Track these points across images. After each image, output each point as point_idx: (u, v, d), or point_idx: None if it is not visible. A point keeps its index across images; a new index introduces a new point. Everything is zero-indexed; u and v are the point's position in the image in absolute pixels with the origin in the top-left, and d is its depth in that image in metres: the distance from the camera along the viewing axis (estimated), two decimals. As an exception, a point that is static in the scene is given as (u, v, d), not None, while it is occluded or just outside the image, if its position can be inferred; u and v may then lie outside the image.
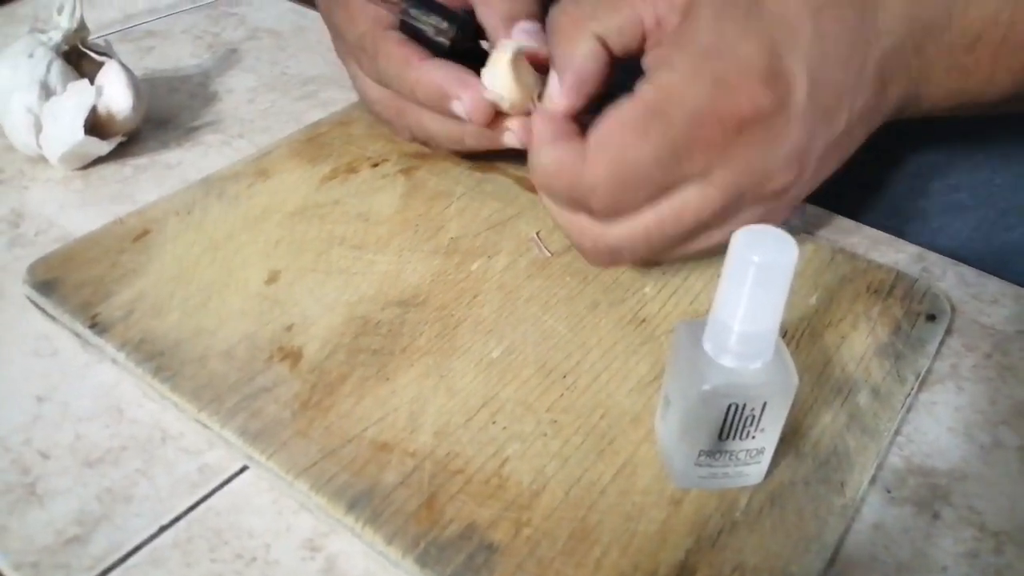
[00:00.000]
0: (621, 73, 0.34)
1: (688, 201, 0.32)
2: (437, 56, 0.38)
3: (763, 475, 0.29)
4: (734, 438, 0.27)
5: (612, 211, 0.32)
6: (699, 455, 0.27)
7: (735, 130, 0.30)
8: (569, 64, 0.33)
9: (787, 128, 0.31)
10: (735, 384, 0.26)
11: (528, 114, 0.36)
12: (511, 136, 0.38)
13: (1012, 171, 0.45)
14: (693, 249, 0.34)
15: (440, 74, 0.37)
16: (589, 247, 0.34)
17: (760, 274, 0.24)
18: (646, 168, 0.30)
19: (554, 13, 0.34)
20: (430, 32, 0.37)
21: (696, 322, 0.27)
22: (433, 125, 0.39)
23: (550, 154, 0.32)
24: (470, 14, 0.38)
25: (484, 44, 0.39)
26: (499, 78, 0.36)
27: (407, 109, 0.40)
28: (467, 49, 0.38)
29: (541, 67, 0.36)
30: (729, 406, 0.26)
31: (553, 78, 0.34)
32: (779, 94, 0.30)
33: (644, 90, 0.31)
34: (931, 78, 0.34)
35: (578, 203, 0.32)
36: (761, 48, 0.30)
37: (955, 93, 0.35)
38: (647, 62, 0.33)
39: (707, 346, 0.26)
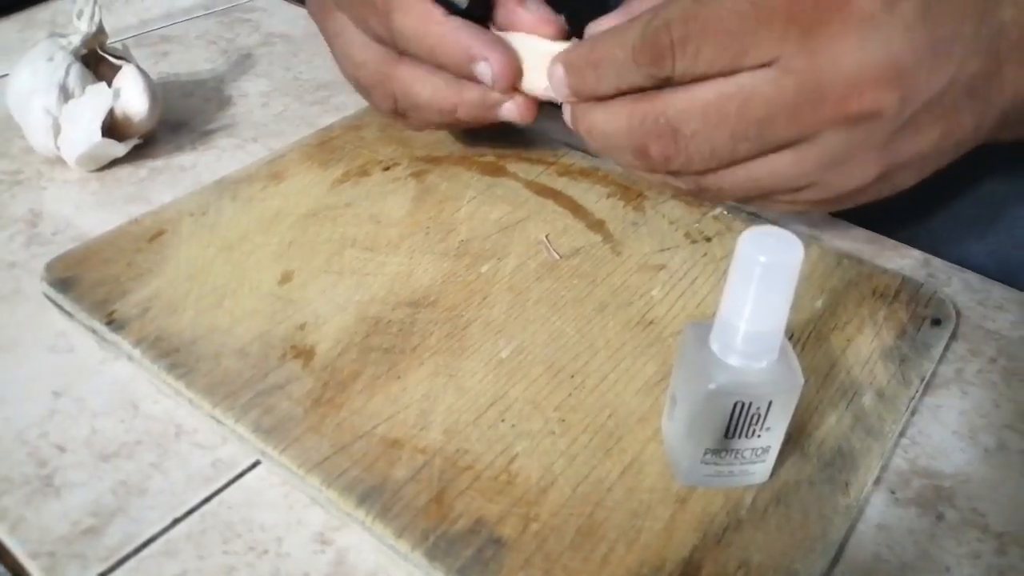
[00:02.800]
0: None
1: (758, 86, 0.29)
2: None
3: (768, 474, 0.29)
4: (740, 436, 0.27)
5: (681, 49, 0.29)
6: (705, 453, 0.28)
7: (829, 9, 0.27)
8: None
9: (889, 31, 0.28)
10: (741, 383, 0.26)
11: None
12: (510, 109, 0.37)
13: (1019, 188, 0.45)
14: (760, 177, 0.31)
15: (467, 33, 0.35)
16: (650, 127, 0.31)
17: (766, 274, 0.24)
18: (725, 12, 0.28)
19: None
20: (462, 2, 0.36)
21: (704, 323, 0.27)
22: (424, 93, 0.38)
23: (612, 26, 0.32)
24: None
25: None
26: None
27: (396, 74, 0.39)
28: (480, 16, 0.37)
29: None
30: (735, 404, 0.26)
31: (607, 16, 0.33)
32: None
33: None
34: None
35: (645, 48, 0.30)
36: None
37: None
38: None
39: (714, 346, 0.27)
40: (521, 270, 0.38)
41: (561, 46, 0.36)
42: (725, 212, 0.41)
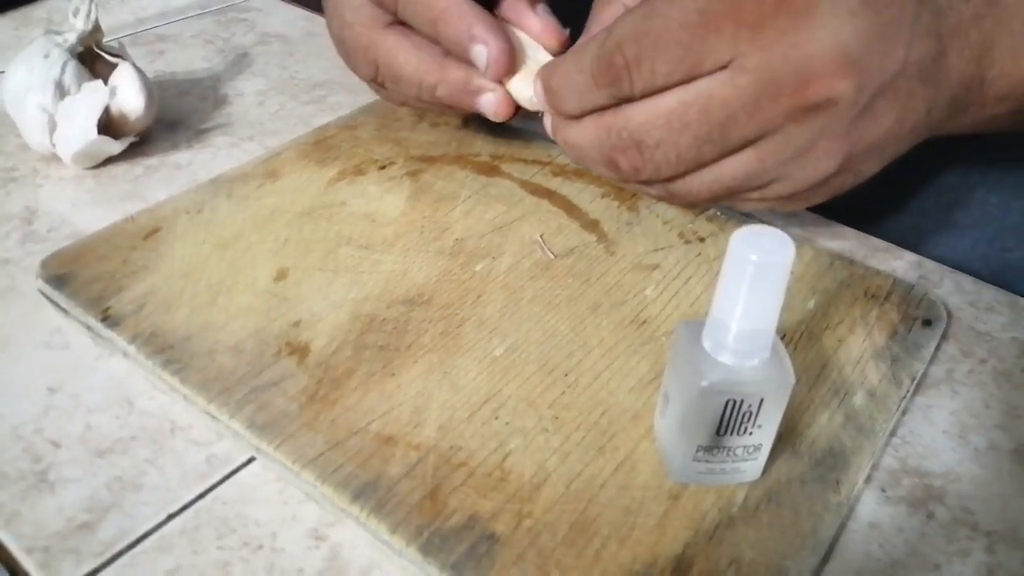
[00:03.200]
0: None
1: (715, 89, 0.29)
2: None
3: (760, 472, 0.29)
4: (732, 434, 0.27)
5: (635, 67, 0.30)
6: (697, 451, 0.28)
7: (773, 5, 0.28)
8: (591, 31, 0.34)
9: (835, 19, 0.28)
10: (733, 381, 0.26)
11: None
12: (488, 101, 0.37)
13: (1008, 192, 0.46)
14: (725, 177, 0.32)
15: (473, 12, 0.35)
16: (615, 141, 0.32)
17: (757, 273, 0.25)
18: (674, 25, 0.29)
19: None
20: None
21: (697, 322, 0.28)
22: (408, 66, 0.38)
23: (575, 49, 0.33)
24: None
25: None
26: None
27: (382, 42, 0.39)
28: (485, 3, 0.37)
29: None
30: (727, 402, 0.26)
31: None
32: None
33: None
34: (994, 58, 0.32)
35: (601, 69, 0.31)
36: None
37: (1021, 83, 0.33)
38: None
39: (706, 344, 0.27)
40: (515, 269, 0.38)
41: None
42: (718, 213, 0.42)
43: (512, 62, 0.36)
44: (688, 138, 0.31)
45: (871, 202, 0.48)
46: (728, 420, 0.27)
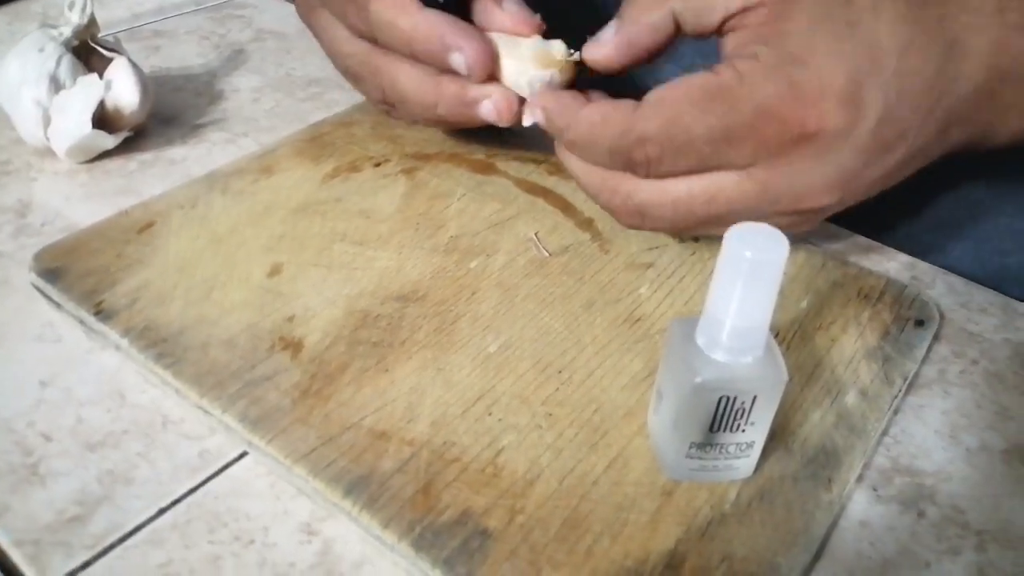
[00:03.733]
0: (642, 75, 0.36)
1: (724, 187, 0.32)
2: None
3: (752, 469, 0.29)
4: (724, 431, 0.27)
5: (655, 166, 0.33)
6: (690, 447, 0.28)
7: (793, 139, 0.31)
8: (632, 24, 0.34)
9: (843, 154, 0.31)
10: (726, 378, 0.26)
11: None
12: (488, 108, 0.37)
13: (998, 194, 0.46)
14: (712, 232, 0.35)
15: (440, 21, 0.35)
16: (619, 203, 0.35)
17: (752, 270, 0.25)
18: (697, 138, 0.31)
19: None
20: None
21: (690, 319, 0.28)
22: (409, 85, 0.38)
23: (598, 108, 0.33)
24: None
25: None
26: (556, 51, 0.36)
27: (383, 66, 0.39)
28: (457, 12, 0.37)
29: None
30: (720, 399, 0.27)
31: (608, 27, 0.34)
32: (849, 119, 0.31)
33: (720, 68, 0.31)
34: (1004, 122, 0.34)
35: (620, 155, 0.33)
36: (846, 70, 0.30)
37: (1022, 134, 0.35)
38: (726, 44, 0.33)
39: (700, 341, 0.27)
40: (510, 266, 0.38)
41: (537, 42, 0.36)
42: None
43: (492, 58, 0.36)
44: (690, 220, 0.34)
45: (865, 208, 0.48)
46: (721, 417, 0.27)
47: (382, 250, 0.38)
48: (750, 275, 0.25)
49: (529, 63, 0.36)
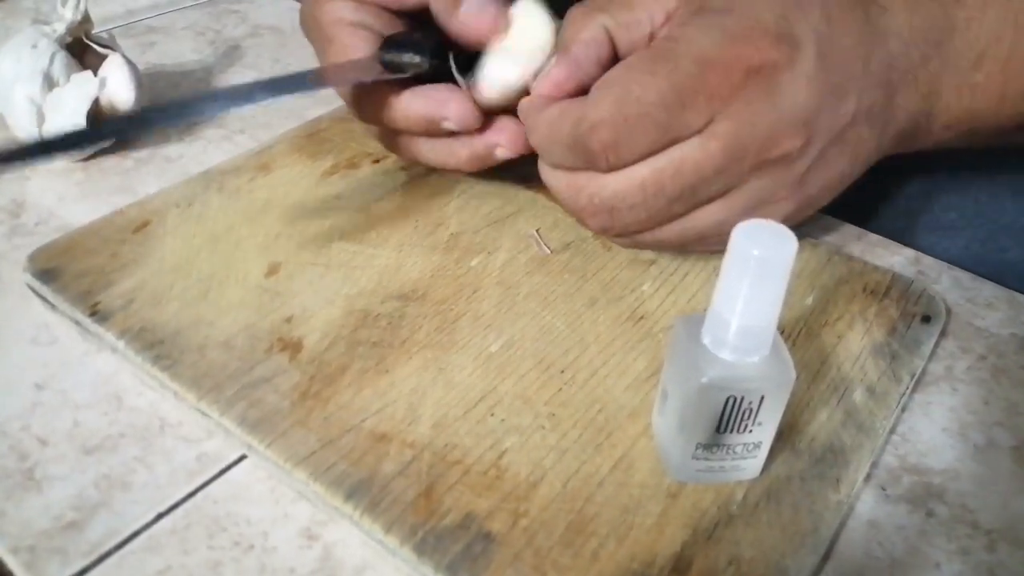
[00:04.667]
0: None
1: (688, 154, 0.32)
2: (413, 81, 0.37)
3: (759, 470, 0.29)
4: (731, 431, 0.27)
5: (612, 151, 0.32)
6: (696, 448, 0.27)
7: (741, 79, 0.31)
8: (570, 46, 0.34)
9: (793, 86, 0.31)
10: (733, 377, 0.26)
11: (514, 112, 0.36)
12: (503, 153, 0.37)
13: (998, 191, 0.45)
14: (693, 227, 0.34)
15: (420, 103, 0.36)
16: (585, 204, 0.34)
17: (759, 268, 0.24)
18: (650, 107, 0.31)
19: (574, 6, 0.35)
20: (409, 71, 0.36)
21: (695, 316, 0.27)
22: (431, 156, 0.39)
23: (556, 106, 0.33)
24: (432, 30, 0.37)
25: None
26: (535, 25, 0.36)
27: (403, 146, 0.40)
28: (443, 70, 0.37)
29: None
30: (727, 399, 0.26)
31: (552, 60, 0.34)
32: (787, 52, 0.31)
33: (655, 41, 0.32)
34: (940, 94, 0.34)
35: (578, 147, 0.32)
36: (773, 12, 0.31)
37: (967, 115, 0.35)
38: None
39: (706, 340, 0.26)
40: (511, 264, 0.37)
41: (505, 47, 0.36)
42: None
43: (476, 111, 0.36)
44: (661, 201, 0.33)
45: (865, 203, 0.47)
46: (728, 417, 0.27)
47: (381, 248, 0.38)
48: (757, 273, 0.24)
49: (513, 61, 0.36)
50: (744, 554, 0.27)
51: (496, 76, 0.36)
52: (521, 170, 0.43)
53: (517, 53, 0.35)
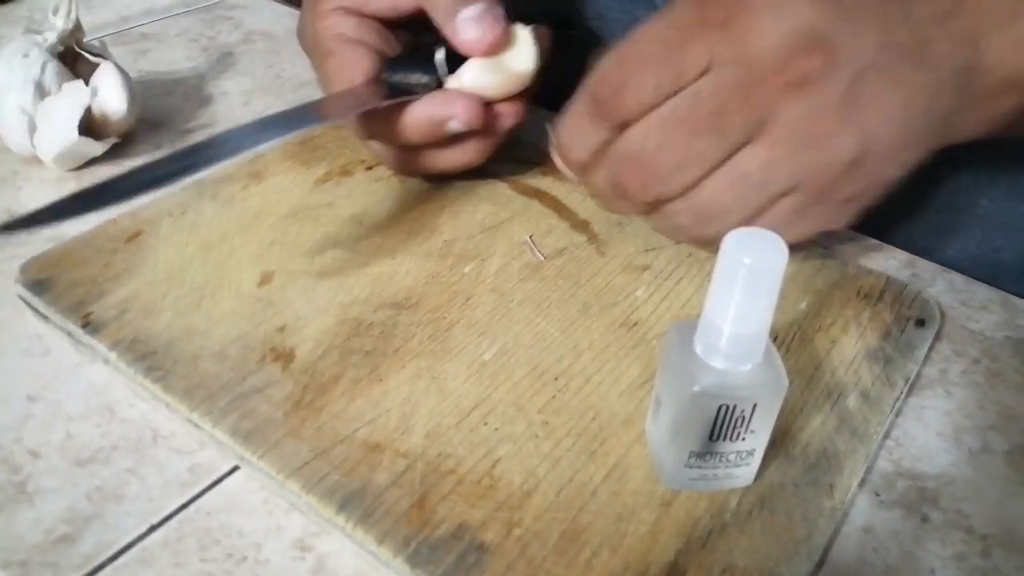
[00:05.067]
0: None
1: (702, 86, 0.31)
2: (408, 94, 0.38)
3: (753, 477, 0.29)
4: (724, 439, 0.27)
5: (621, 95, 0.32)
6: (689, 456, 0.27)
7: (734, 6, 0.31)
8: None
9: (793, 6, 0.30)
10: (725, 385, 0.26)
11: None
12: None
13: (999, 193, 0.45)
14: (744, 175, 0.32)
15: (423, 109, 0.37)
16: (618, 165, 0.34)
17: (751, 276, 0.24)
18: (648, 46, 0.32)
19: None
20: (416, 90, 0.37)
21: (689, 323, 0.27)
22: (452, 163, 0.40)
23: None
24: (432, 42, 0.38)
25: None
26: (525, 56, 0.38)
27: (415, 162, 0.41)
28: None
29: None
30: (719, 407, 0.26)
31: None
32: None
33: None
34: (984, 46, 0.31)
35: (592, 107, 0.33)
36: None
37: (1016, 70, 0.32)
38: None
39: (698, 348, 0.26)
40: (505, 271, 0.37)
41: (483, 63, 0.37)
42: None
43: (480, 110, 0.37)
44: (684, 135, 0.32)
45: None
46: (721, 425, 0.27)
47: (375, 256, 0.38)
48: (749, 282, 0.24)
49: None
50: (738, 562, 0.27)
51: (478, 85, 0.37)
52: (514, 176, 0.43)
53: (504, 71, 0.37)
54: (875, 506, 0.30)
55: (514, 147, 0.45)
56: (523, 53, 0.37)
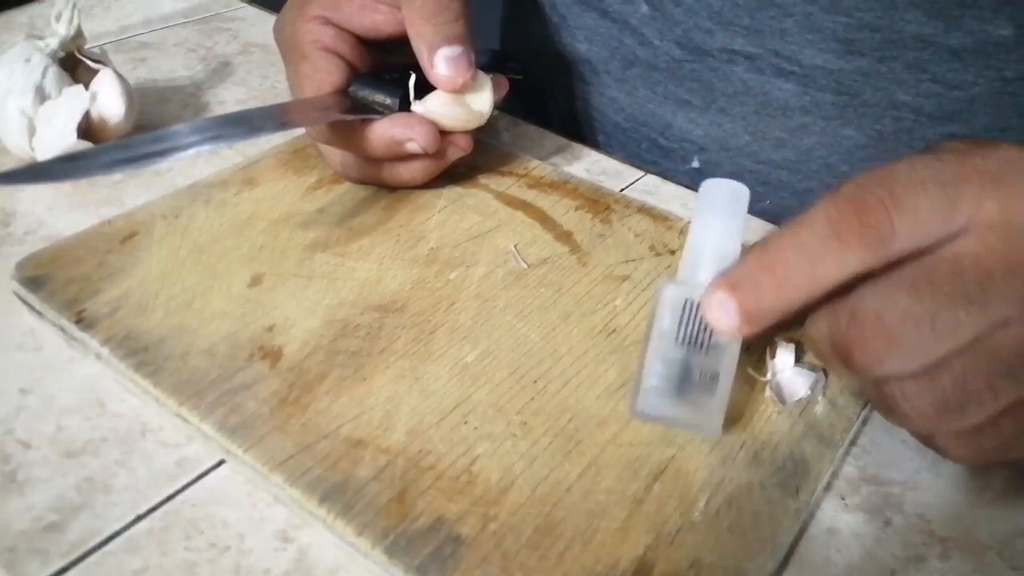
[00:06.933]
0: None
1: (963, 246, 0.26)
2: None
3: (719, 430, 0.31)
4: (689, 344, 0.30)
5: (896, 209, 0.26)
6: (660, 362, 0.30)
7: (1003, 160, 0.26)
8: None
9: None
10: (694, 285, 0.29)
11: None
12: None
13: None
14: (1005, 354, 0.26)
15: (387, 128, 0.40)
16: (846, 321, 0.26)
17: (721, 201, 0.31)
18: (922, 174, 0.26)
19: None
20: (378, 109, 0.40)
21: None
22: (416, 175, 0.43)
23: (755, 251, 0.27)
24: (401, 64, 0.41)
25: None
26: (484, 100, 0.42)
27: (381, 174, 0.43)
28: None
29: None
30: (685, 302, 0.29)
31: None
32: None
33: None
34: None
35: (852, 219, 0.26)
36: None
37: None
38: None
39: (679, 276, 0.31)
40: (489, 278, 0.39)
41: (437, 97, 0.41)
42: (688, 225, 0.42)
43: (435, 135, 0.41)
44: (939, 303, 0.25)
45: None
46: (687, 326, 0.29)
47: (363, 261, 0.39)
48: (722, 206, 0.31)
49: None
50: (705, 559, 0.28)
51: (439, 114, 0.41)
52: (501, 188, 0.45)
53: (464, 108, 0.41)
54: (840, 509, 0.31)
55: (501, 159, 0.47)
56: (483, 97, 0.42)
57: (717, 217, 0.32)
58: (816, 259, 0.26)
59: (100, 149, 0.35)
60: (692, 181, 0.53)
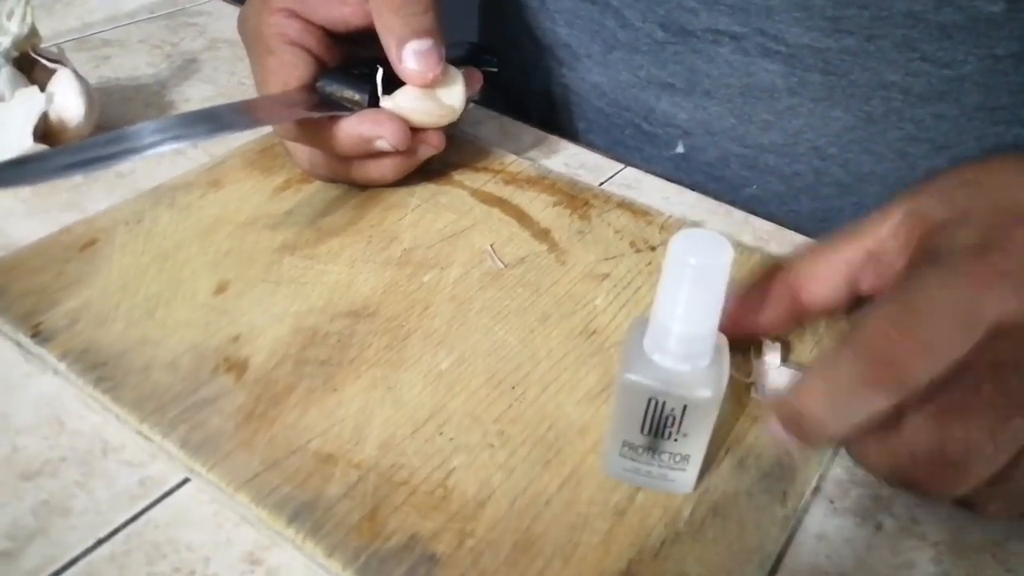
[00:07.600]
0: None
1: (1001, 353, 0.25)
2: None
3: (692, 485, 0.29)
4: (656, 436, 0.27)
5: (912, 340, 0.25)
6: (623, 446, 0.28)
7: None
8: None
9: None
10: (657, 379, 0.26)
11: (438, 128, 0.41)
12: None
13: None
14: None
15: (353, 126, 0.39)
16: (902, 455, 0.26)
17: (696, 276, 0.25)
18: (938, 295, 0.26)
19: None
20: (347, 105, 0.39)
21: (647, 319, 0.27)
22: (387, 173, 0.42)
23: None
24: (369, 58, 0.40)
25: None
26: (456, 95, 0.40)
27: (351, 172, 0.41)
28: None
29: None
30: (649, 400, 0.26)
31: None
32: None
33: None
34: None
35: (873, 362, 0.26)
36: None
37: None
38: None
39: (646, 342, 0.27)
40: (464, 279, 0.37)
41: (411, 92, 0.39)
42: (670, 220, 0.41)
43: (406, 133, 0.39)
44: (994, 417, 0.25)
45: (835, 217, 0.48)
46: (652, 420, 0.27)
47: (333, 264, 0.38)
48: (694, 281, 0.25)
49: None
50: (691, 571, 0.27)
51: (409, 110, 0.39)
52: (476, 184, 0.43)
53: (435, 103, 0.40)
54: (829, 513, 0.30)
55: (476, 155, 0.45)
56: (454, 92, 0.40)
57: (687, 290, 0.25)
58: (850, 406, 0.26)
59: (56, 152, 0.34)
60: (676, 166, 0.51)
